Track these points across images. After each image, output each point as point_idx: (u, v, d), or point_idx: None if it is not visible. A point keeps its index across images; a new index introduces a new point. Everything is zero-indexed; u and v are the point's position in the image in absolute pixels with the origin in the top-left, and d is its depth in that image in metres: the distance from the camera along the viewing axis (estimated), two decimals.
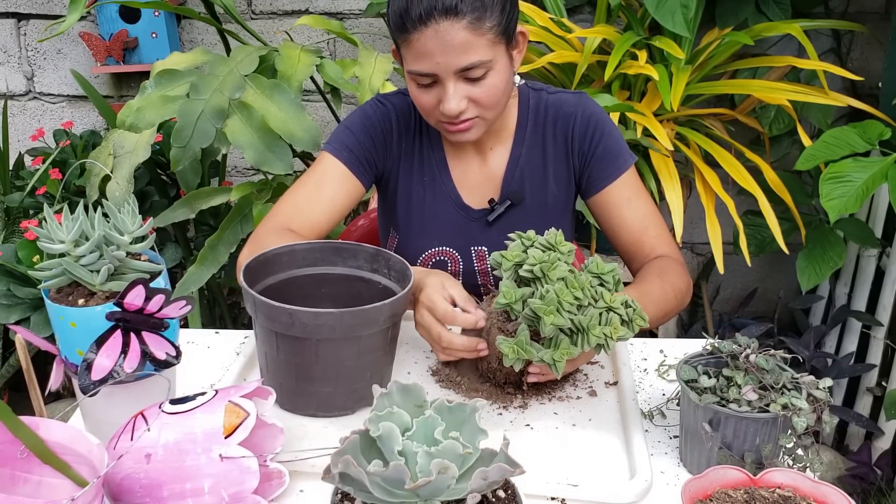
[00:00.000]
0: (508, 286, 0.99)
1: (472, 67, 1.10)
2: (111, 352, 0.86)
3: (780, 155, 2.18)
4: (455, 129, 1.18)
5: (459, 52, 1.09)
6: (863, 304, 2.21)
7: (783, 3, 1.95)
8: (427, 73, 1.12)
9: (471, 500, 0.68)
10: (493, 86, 1.14)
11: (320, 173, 1.27)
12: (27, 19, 2.49)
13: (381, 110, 1.30)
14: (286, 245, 1.11)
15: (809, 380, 0.88)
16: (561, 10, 1.95)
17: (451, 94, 1.12)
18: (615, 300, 0.97)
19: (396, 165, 1.31)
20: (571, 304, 0.95)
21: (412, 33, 1.09)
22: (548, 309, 0.94)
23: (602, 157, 1.27)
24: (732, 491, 0.81)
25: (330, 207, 1.26)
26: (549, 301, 0.94)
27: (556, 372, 0.96)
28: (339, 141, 1.28)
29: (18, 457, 0.78)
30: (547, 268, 0.98)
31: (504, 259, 1.02)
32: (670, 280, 1.20)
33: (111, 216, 0.93)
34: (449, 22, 1.07)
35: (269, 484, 0.87)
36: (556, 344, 0.96)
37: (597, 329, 0.94)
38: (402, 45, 1.13)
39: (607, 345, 0.95)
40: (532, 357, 0.96)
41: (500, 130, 1.29)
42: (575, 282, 0.97)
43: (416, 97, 1.18)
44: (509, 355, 0.96)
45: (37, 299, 1.87)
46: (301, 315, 0.94)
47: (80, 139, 2.23)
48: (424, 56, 1.10)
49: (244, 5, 2.42)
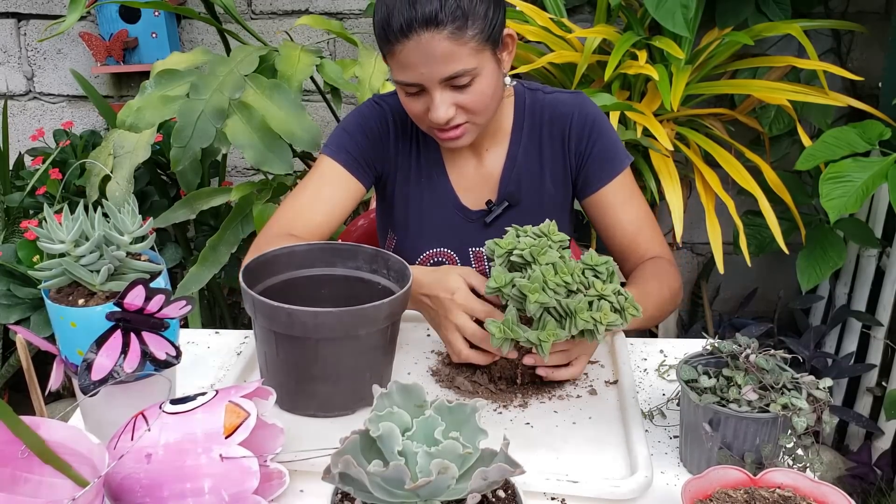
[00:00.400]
0: (500, 271, 0.99)
1: (456, 76, 1.10)
2: (111, 352, 0.86)
3: (780, 155, 2.17)
4: (446, 137, 1.18)
5: (442, 62, 1.09)
6: (863, 304, 2.21)
7: (783, 3, 1.95)
8: (413, 84, 1.12)
9: (471, 500, 0.68)
10: (481, 92, 1.14)
11: (319, 177, 1.27)
12: (27, 19, 2.49)
13: (378, 111, 1.30)
14: (285, 246, 1.11)
15: (809, 380, 0.88)
16: (561, 10, 1.95)
17: (438, 102, 1.13)
18: (606, 289, 0.97)
19: (394, 166, 1.31)
20: (559, 285, 0.95)
21: (395, 45, 1.09)
22: (533, 287, 0.94)
23: (598, 158, 1.27)
24: (732, 491, 0.81)
25: (330, 210, 1.26)
26: (535, 279, 0.95)
27: (542, 353, 0.95)
28: (337, 143, 1.28)
29: (19, 457, 0.78)
30: (536, 252, 0.99)
31: (497, 246, 1.02)
32: (666, 281, 1.21)
33: (111, 216, 0.93)
34: (430, 33, 1.07)
35: (270, 484, 0.87)
36: (542, 325, 0.96)
37: (584, 313, 0.94)
38: (388, 56, 1.13)
39: (597, 330, 0.94)
40: (518, 337, 0.95)
41: (496, 131, 1.29)
42: (565, 267, 0.97)
43: (406, 105, 1.18)
44: (496, 335, 0.96)
45: (37, 299, 1.87)
46: (300, 314, 0.94)
47: (80, 139, 2.23)
48: (408, 67, 1.10)
49: (244, 5, 2.42)
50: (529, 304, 0.94)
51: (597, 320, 0.94)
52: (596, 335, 0.95)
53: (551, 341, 0.95)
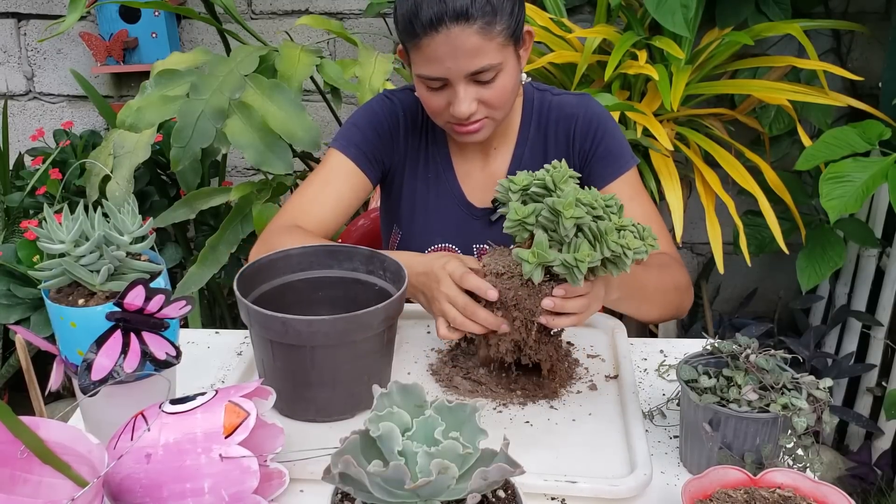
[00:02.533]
0: (517, 206, 0.96)
1: (482, 71, 1.11)
2: (111, 352, 0.86)
3: (780, 155, 2.17)
4: (465, 131, 1.18)
5: (470, 56, 1.09)
6: (863, 304, 2.20)
7: (783, 3, 1.95)
8: (437, 78, 1.12)
9: (471, 500, 0.68)
10: (503, 87, 1.14)
11: (328, 170, 1.27)
12: (27, 19, 2.49)
13: (388, 106, 1.30)
14: (281, 251, 1.11)
15: (809, 380, 0.88)
16: (561, 10, 1.95)
17: (462, 97, 1.13)
18: (624, 221, 0.95)
19: (402, 162, 1.32)
20: (587, 205, 0.93)
21: (422, 38, 1.09)
22: (567, 202, 0.91)
23: (603, 157, 1.27)
24: (732, 491, 0.81)
25: (337, 203, 1.26)
26: (567, 195, 0.93)
27: (576, 278, 0.92)
28: (346, 137, 1.28)
29: (18, 457, 0.77)
30: (558, 178, 0.96)
31: (512, 183, 0.99)
32: (671, 273, 1.20)
33: (111, 216, 0.93)
34: (460, 27, 1.07)
35: (269, 484, 0.87)
36: (576, 248, 0.93)
37: (614, 234, 0.92)
38: (412, 50, 1.13)
39: (626, 256, 0.92)
40: (553, 260, 0.92)
41: (505, 130, 1.29)
42: (587, 194, 0.95)
43: (425, 100, 1.18)
44: (529, 260, 0.92)
45: (37, 299, 1.87)
46: (294, 323, 0.93)
47: (80, 139, 2.23)
48: (434, 61, 1.10)
49: (244, 5, 2.42)
50: (564, 221, 0.91)
51: (624, 246, 0.92)
52: (624, 262, 0.93)
53: (587, 262, 0.91)
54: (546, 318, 0.99)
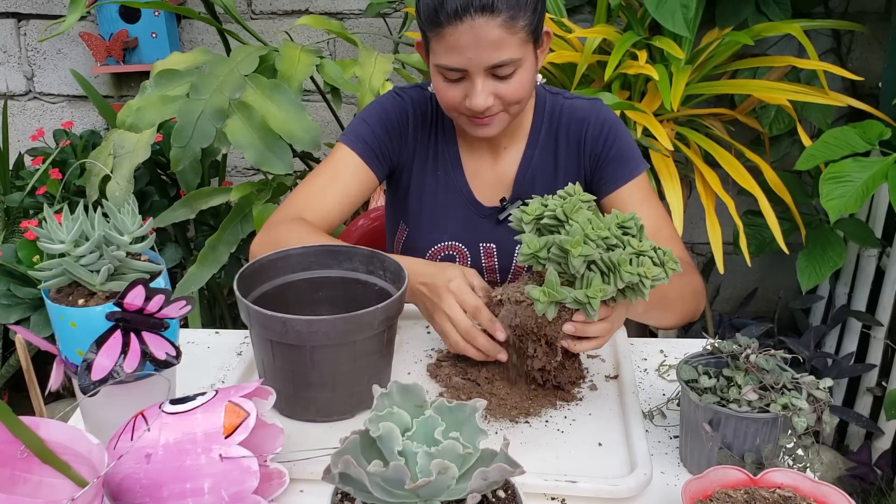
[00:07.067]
0: (531, 237, 0.96)
1: (502, 65, 1.11)
2: (111, 352, 0.86)
3: (780, 155, 2.17)
4: (479, 123, 1.18)
5: (492, 49, 1.09)
6: (863, 304, 2.21)
7: (783, 3, 1.95)
8: (457, 68, 1.12)
9: (471, 500, 0.68)
10: (520, 83, 1.14)
11: (334, 164, 1.28)
12: (27, 19, 2.49)
13: (398, 103, 1.30)
14: (281, 251, 1.11)
15: (809, 380, 0.88)
16: (561, 10, 1.95)
17: (480, 89, 1.13)
18: (644, 245, 0.94)
19: (411, 159, 1.32)
20: (599, 238, 0.92)
21: (446, 27, 1.09)
22: (574, 241, 0.91)
23: (613, 161, 1.27)
24: (732, 491, 0.81)
25: (342, 198, 1.26)
26: (575, 232, 0.92)
27: (590, 313, 0.92)
28: (355, 133, 1.28)
29: (18, 457, 0.78)
30: (569, 209, 0.96)
31: (525, 213, 1.00)
32: (688, 279, 1.20)
33: (111, 216, 0.93)
34: (484, 19, 1.07)
35: (269, 484, 0.87)
36: (587, 283, 0.93)
37: (628, 266, 0.91)
38: (433, 39, 1.13)
39: (643, 285, 0.92)
40: (564, 298, 0.93)
41: (516, 130, 1.30)
42: (600, 223, 0.95)
43: (441, 91, 1.17)
44: (540, 299, 0.93)
45: (37, 299, 1.87)
46: (294, 323, 0.93)
47: (80, 139, 2.23)
48: (456, 51, 1.10)
49: (244, 5, 2.42)
50: (573, 259, 0.91)
51: (641, 275, 0.92)
52: (641, 290, 0.92)
53: (600, 297, 0.91)
54: (568, 343, 1.01)
